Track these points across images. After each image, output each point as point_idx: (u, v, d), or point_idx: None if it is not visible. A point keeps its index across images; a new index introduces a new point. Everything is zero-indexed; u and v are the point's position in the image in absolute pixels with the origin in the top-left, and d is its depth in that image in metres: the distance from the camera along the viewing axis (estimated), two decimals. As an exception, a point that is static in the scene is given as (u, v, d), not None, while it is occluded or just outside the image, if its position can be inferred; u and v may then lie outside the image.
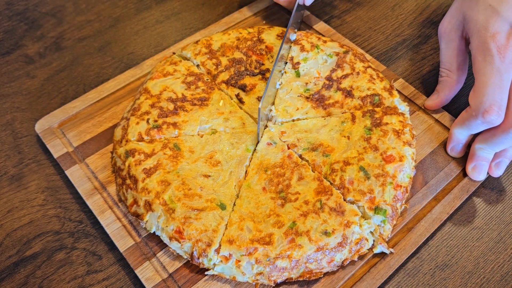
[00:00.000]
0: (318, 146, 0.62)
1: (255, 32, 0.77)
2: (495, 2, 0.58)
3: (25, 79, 0.81)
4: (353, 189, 0.58)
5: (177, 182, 0.59)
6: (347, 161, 0.60)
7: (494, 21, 0.57)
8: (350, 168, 0.59)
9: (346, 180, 0.58)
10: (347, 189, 0.58)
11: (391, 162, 0.59)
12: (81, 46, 0.86)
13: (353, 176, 0.59)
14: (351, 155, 0.60)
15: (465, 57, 0.67)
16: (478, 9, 0.60)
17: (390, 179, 0.58)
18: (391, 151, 0.60)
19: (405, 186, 0.59)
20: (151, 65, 0.77)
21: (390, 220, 0.57)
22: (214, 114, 0.67)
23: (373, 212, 0.56)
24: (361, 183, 0.58)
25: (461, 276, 0.58)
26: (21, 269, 0.59)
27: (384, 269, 0.56)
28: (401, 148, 0.61)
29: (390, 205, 0.57)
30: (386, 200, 0.57)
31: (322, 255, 0.54)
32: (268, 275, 0.53)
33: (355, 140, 0.62)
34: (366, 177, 0.58)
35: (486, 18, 0.58)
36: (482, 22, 0.58)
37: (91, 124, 0.70)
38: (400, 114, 0.65)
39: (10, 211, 0.65)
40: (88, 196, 0.62)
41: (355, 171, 0.59)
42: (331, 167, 0.60)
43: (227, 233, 0.55)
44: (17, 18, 0.90)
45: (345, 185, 0.58)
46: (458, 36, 0.65)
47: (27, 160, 0.70)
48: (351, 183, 0.58)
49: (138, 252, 0.57)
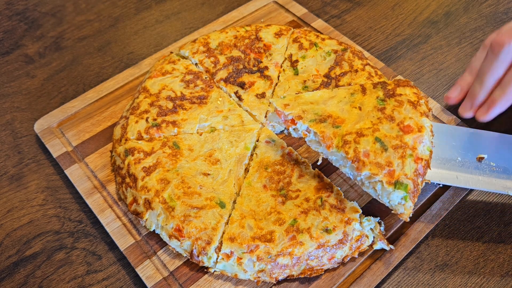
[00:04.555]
0: (326, 118, 0.56)
1: (253, 30, 0.77)
2: None
3: (25, 79, 0.81)
4: (369, 162, 0.51)
5: (177, 181, 0.59)
6: (360, 132, 0.53)
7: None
8: (365, 139, 0.53)
9: (361, 153, 0.51)
10: (363, 162, 0.51)
11: (410, 132, 0.52)
12: (81, 46, 0.86)
13: (369, 148, 0.52)
14: (365, 126, 0.54)
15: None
16: None
17: (409, 151, 0.51)
18: (408, 121, 0.54)
19: (426, 160, 0.53)
20: (149, 64, 0.77)
21: (411, 196, 0.50)
22: (213, 112, 0.67)
23: (393, 187, 0.50)
24: (378, 155, 0.51)
25: (461, 275, 0.57)
26: (21, 269, 0.59)
27: (384, 266, 0.56)
28: (419, 119, 0.55)
29: (412, 179, 0.50)
30: (407, 173, 0.50)
31: (323, 252, 0.54)
32: (269, 272, 0.53)
33: (368, 110, 0.56)
34: (383, 149, 0.51)
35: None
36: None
37: (90, 124, 0.70)
38: (414, 87, 0.61)
39: (10, 211, 0.64)
40: (88, 195, 0.62)
41: (370, 142, 0.52)
42: (343, 138, 0.53)
43: (228, 231, 0.55)
44: (17, 18, 0.90)
45: (360, 157, 0.52)
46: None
47: (27, 160, 0.70)
48: (366, 155, 0.51)
49: (139, 251, 0.57)
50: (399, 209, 0.50)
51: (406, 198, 0.50)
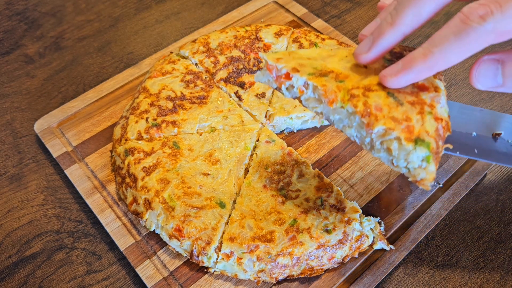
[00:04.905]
0: (327, 72, 0.45)
1: (253, 30, 0.77)
2: None
3: (25, 79, 0.81)
4: (382, 116, 0.41)
5: (177, 181, 0.59)
6: (368, 87, 0.43)
7: None
8: (375, 94, 0.42)
9: (372, 106, 0.41)
10: (375, 116, 0.41)
11: (426, 90, 0.44)
12: (80, 46, 0.86)
13: (381, 102, 0.41)
14: (373, 82, 0.43)
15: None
16: None
17: (428, 108, 0.43)
18: (422, 81, 0.45)
19: (446, 121, 0.45)
20: (149, 64, 0.77)
21: (434, 157, 0.41)
22: (213, 112, 0.67)
23: (413, 144, 0.40)
24: (392, 109, 0.41)
25: (461, 276, 0.57)
26: (21, 269, 0.59)
27: (385, 266, 0.56)
28: (433, 80, 0.46)
29: (434, 138, 0.41)
30: (428, 130, 0.41)
31: (323, 252, 0.54)
32: (269, 272, 0.53)
33: (375, 68, 0.46)
34: (398, 103, 0.42)
35: None
36: None
37: (90, 124, 0.70)
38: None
39: (10, 211, 0.64)
40: (88, 195, 0.62)
41: (382, 97, 0.42)
42: (349, 92, 0.43)
43: (228, 231, 0.55)
44: (17, 18, 0.90)
45: (372, 111, 0.41)
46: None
47: (27, 160, 0.70)
48: (378, 109, 0.41)
49: (139, 251, 0.57)
50: (419, 174, 0.41)
51: (428, 159, 0.40)
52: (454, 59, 0.36)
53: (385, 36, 0.40)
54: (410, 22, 0.39)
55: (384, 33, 0.40)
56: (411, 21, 0.39)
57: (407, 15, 0.39)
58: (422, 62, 0.38)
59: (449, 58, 0.36)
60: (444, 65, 0.37)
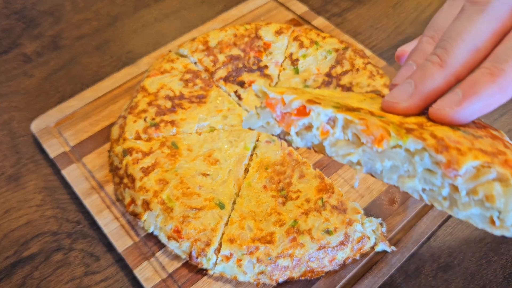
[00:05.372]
0: (357, 108, 0.33)
1: (253, 28, 0.76)
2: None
3: (22, 78, 0.80)
4: (468, 149, 0.28)
5: (176, 181, 0.58)
6: (420, 123, 0.32)
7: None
8: (435, 128, 0.30)
9: (446, 138, 0.29)
10: (457, 150, 0.28)
11: (488, 127, 0.35)
12: (79, 45, 0.85)
13: (451, 134, 0.30)
14: (422, 120, 0.33)
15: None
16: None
17: (510, 145, 0.33)
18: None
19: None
20: (148, 63, 0.76)
21: None
22: (212, 111, 0.66)
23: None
24: (474, 141, 0.30)
25: (463, 277, 0.57)
26: (18, 270, 0.58)
27: (386, 267, 0.55)
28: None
29: None
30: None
31: (324, 253, 0.53)
32: (269, 274, 0.53)
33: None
34: (474, 136, 0.31)
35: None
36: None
37: (88, 123, 0.69)
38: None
39: (7, 212, 0.64)
40: (85, 196, 0.62)
41: (448, 130, 0.30)
42: (403, 126, 0.31)
43: (228, 232, 0.54)
44: (15, 17, 0.90)
45: (449, 143, 0.29)
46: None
47: (24, 160, 0.69)
48: (456, 141, 0.29)
49: (137, 252, 0.57)
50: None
51: None
52: None
53: (432, 78, 0.30)
54: (464, 58, 0.30)
55: (431, 75, 0.30)
56: (465, 56, 0.30)
57: (459, 48, 0.29)
58: (491, 85, 0.28)
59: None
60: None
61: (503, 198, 0.27)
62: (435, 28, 0.34)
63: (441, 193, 0.29)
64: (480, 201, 0.28)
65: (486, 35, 0.30)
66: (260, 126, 0.33)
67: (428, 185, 0.29)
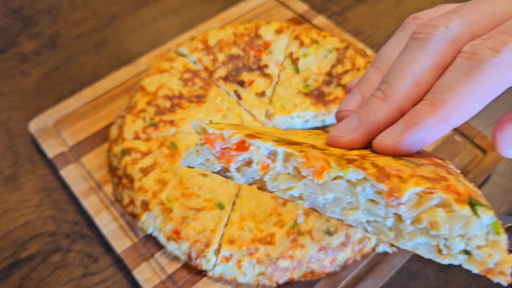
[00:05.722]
0: (296, 143, 0.33)
1: (253, 27, 0.75)
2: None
3: (20, 78, 0.79)
4: (409, 176, 0.28)
5: (175, 181, 0.58)
6: (363, 155, 0.31)
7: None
8: (377, 158, 0.30)
9: (387, 167, 0.28)
10: (398, 178, 0.28)
11: (434, 157, 0.35)
12: (77, 43, 0.84)
13: (393, 163, 0.29)
14: (366, 152, 0.33)
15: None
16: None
17: (454, 173, 0.33)
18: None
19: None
20: (147, 62, 0.76)
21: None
22: (212, 111, 0.66)
23: (469, 206, 0.26)
24: (416, 169, 0.29)
25: (465, 278, 0.56)
26: (16, 271, 0.58)
27: (387, 268, 0.55)
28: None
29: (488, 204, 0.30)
30: (476, 192, 0.29)
31: (324, 254, 0.53)
32: (269, 275, 0.52)
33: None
34: (416, 164, 0.30)
35: None
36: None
37: (86, 123, 0.69)
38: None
39: (5, 212, 0.63)
40: (84, 196, 0.61)
41: (390, 159, 0.30)
42: (344, 157, 0.31)
43: (228, 233, 0.54)
44: (13, 15, 0.89)
45: (390, 172, 0.28)
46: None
47: (22, 160, 0.69)
48: (397, 170, 0.28)
49: (136, 253, 0.56)
50: (490, 257, 0.26)
51: (497, 228, 0.26)
52: (473, 106, 0.28)
53: (376, 111, 0.31)
54: (407, 91, 0.30)
55: (375, 109, 0.31)
56: (407, 89, 0.30)
57: (401, 82, 0.30)
58: (432, 115, 0.28)
59: (467, 105, 0.28)
60: (462, 115, 0.28)
61: (448, 224, 0.26)
62: (381, 59, 0.35)
63: (386, 224, 0.28)
64: (425, 229, 0.27)
65: (427, 68, 0.30)
66: (199, 164, 0.32)
67: (372, 217, 0.28)
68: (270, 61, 0.72)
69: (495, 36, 0.28)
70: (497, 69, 0.27)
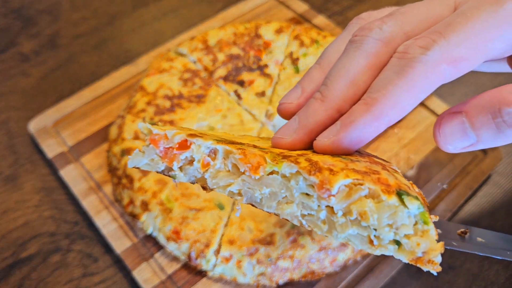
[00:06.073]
0: (238, 143, 0.34)
1: (253, 27, 0.75)
2: None
3: (20, 78, 0.79)
4: (340, 169, 0.29)
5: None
6: (302, 154, 0.33)
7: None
8: (312, 156, 0.31)
9: (320, 162, 0.30)
10: (329, 171, 0.29)
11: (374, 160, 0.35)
12: (77, 43, 0.84)
13: (328, 159, 0.31)
14: (307, 152, 0.34)
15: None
16: None
17: (391, 170, 0.34)
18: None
19: (420, 192, 0.34)
20: (146, 62, 0.76)
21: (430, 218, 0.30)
22: (211, 111, 0.66)
23: (397, 197, 0.27)
24: (349, 163, 0.31)
25: (465, 278, 0.56)
26: (16, 272, 0.58)
27: (387, 269, 0.54)
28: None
29: (420, 195, 0.31)
30: (407, 185, 0.31)
31: (324, 254, 0.53)
32: (269, 276, 0.52)
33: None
34: (351, 161, 0.32)
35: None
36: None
37: (86, 123, 0.69)
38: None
39: (5, 212, 0.63)
40: (84, 197, 0.61)
41: (327, 157, 0.32)
42: (280, 154, 0.32)
43: (228, 233, 0.54)
44: (13, 15, 0.89)
45: (322, 165, 0.29)
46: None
47: (22, 160, 0.69)
48: (330, 164, 0.29)
49: (136, 253, 0.56)
50: (419, 245, 0.27)
51: (425, 218, 0.27)
52: (405, 103, 0.29)
53: (314, 112, 0.32)
54: (343, 92, 0.32)
55: (313, 110, 0.32)
56: (343, 90, 0.32)
57: (338, 83, 0.32)
58: (365, 113, 0.29)
59: (399, 102, 0.29)
60: (395, 112, 0.29)
61: (376, 214, 0.27)
62: (324, 57, 0.37)
63: (319, 216, 0.29)
64: (356, 220, 0.28)
65: (362, 69, 0.31)
66: (145, 164, 0.33)
67: (307, 210, 0.29)
68: (270, 61, 0.71)
69: (426, 35, 0.29)
70: (427, 66, 0.28)
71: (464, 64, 0.29)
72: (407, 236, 0.27)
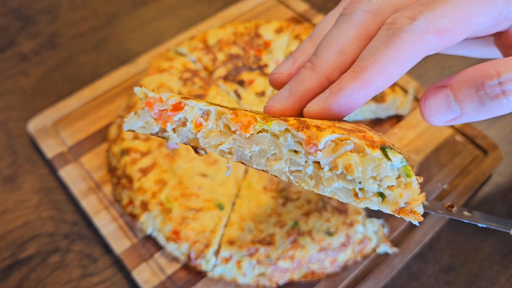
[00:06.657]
0: (229, 108, 0.35)
1: (253, 27, 0.75)
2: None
3: (19, 78, 0.79)
4: (327, 126, 0.31)
5: (174, 182, 0.57)
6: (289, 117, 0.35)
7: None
8: (301, 118, 0.33)
9: (307, 120, 0.32)
10: (316, 127, 0.30)
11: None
12: (76, 43, 0.84)
13: (317, 121, 0.33)
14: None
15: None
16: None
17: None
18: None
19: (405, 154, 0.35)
20: (146, 61, 0.75)
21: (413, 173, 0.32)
22: (211, 111, 0.66)
23: (381, 151, 0.29)
24: (336, 123, 0.33)
25: (465, 278, 0.56)
26: (15, 272, 0.58)
27: (388, 269, 0.54)
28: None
29: (402, 153, 0.32)
30: (393, 143, 0.33)
31: (324, 255, 0.53)
32: (269, 276, 0.52)
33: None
34: (339, 123, 0.34)
35: None
36: None
37: (85, 123, 0.69)
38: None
39: (4, 213, 0.63)
40: (83, 197, 0.61)
41: (316, 121, 0.33)
42: (269, 116, 0.34)
43: (227, 234, 0.54)
44: (12, 15, 0.89)
45: (309, 123, 0.31)
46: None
47: (21, 160, 0.68)
48: (318, 124, 0.32)
49: (135, 254, 0.56)
50: (401, 196, 0.28)
51: (408, 171, 0.29)
52: (393, 71, 0.30)
53: (304, 80, 0.34)
54: (332, 60, 0.33)
55: (303, 78, 0.34)
56: (332, 58, 0.33)
57: (327, 52, 0.33)
58: (353, 80, 0.31)
59: (387, 70, 0.30)
60: (382, 80, 0.30)
61: (360, 166, 0.29)
62: (316, 31, 0.39)
63: (307, 172, 0.31)
64: (341, 174, 0.29)
65: (351, 39, 0.33)
66: (140, 127, 0.34)
67: (294, 166, 0.31)
68: (270, 60, 0.71)
69: (413, 7, 0.31)
70: (413, 35, 0.30)
71: (449, 35, 0.30)
72: (390, 188, 0.29)
